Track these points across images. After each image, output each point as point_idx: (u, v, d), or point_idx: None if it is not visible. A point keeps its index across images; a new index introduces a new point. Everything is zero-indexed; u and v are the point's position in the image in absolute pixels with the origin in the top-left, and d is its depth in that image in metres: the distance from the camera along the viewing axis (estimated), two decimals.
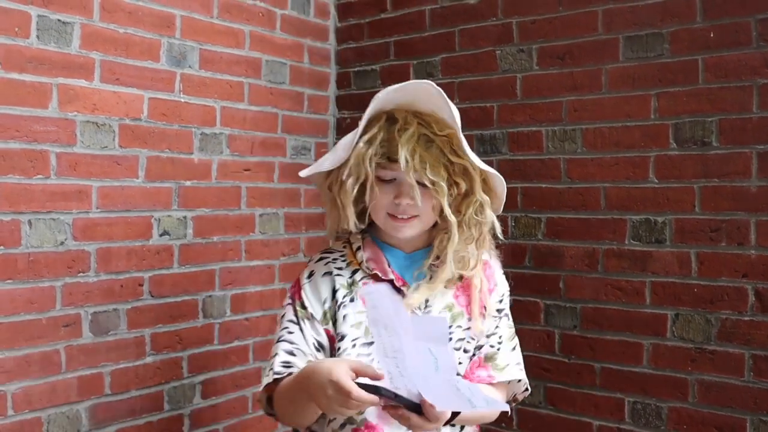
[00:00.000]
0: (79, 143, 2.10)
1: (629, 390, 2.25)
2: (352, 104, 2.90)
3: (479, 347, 1.68)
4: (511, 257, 2.48)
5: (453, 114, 1.55)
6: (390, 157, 1.53)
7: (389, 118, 1.57)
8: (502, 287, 1.76)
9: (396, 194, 1.56)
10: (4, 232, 1.94)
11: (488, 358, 1.68)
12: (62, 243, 2.07)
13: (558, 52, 2.38)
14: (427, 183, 1.53)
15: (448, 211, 1.55)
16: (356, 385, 1.29)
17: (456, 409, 1.42)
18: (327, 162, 1.61)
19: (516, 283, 2.46)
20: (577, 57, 2.34)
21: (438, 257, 1.63)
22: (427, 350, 1.42)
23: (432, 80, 2.56)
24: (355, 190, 1.58)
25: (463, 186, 1.58)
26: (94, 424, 2.15)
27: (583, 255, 2.33)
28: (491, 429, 2.52)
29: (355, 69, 2.91)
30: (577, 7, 2.34)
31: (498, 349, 1.69)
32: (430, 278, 1.63)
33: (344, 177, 1.57)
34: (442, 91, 1.51)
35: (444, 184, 1.54)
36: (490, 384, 1.65)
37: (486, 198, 1.60)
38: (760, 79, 2.03)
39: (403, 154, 1.50)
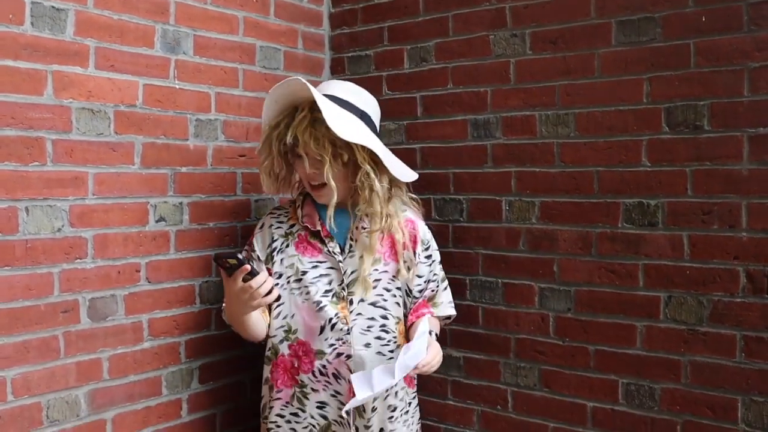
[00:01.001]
0: (75, 130, 2.11)
1: (623, 372, 2.28)
2: None
3: (421, 291, 2.23)
4: (505, 241, 2.50)
5: (318, 99, 1.97)
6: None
7: (295, 109, 2.10)
8: (424, 234, 2.25)
9: (303, 167, 2.09)
10: (1, 219, 1.95)
11: (429, 299, 2.27)
12: (59, 229, 2.08)
13: (551, 37, 2.39)
14: (315, 156, 2.04)
15: (328, 176, 2.03)
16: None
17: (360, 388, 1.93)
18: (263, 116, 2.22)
19: (510, 267, 2.49)
20: (570, 41, 2.35)
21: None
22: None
23: (425, 65, 2.65)
24: (264, 164, 2.16)
25: (346, 156, 2.05)
26: (92, 409, 2.17)
27: (577, 238, 2.35)
28: (487, 411, 2.55)
29: (349, 54, 2.91)
30: None
31: (435, 292, 2.27)
32: (367, 234, 2.14)
33: (257, 152, 2.22)
34: (306, 82, 1.99)
35: (327, 156, 2.02)
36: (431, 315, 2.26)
37: (369, 168, 2.06)
38: (752, 62, 2.05)
39: (292, 133, 2.04)
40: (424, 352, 1.99)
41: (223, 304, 2.20)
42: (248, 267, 1.92)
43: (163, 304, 2.35)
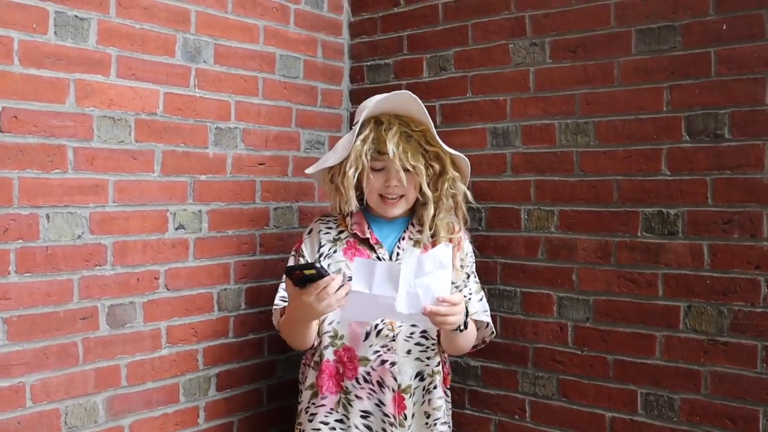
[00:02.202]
0: (96, 138, 2.13)
1: (642, 382, 2.26)
2: (365, 98, 2.90)
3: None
4: (524, 250, 2.49)
5: (425, 113, 2.08)
6: (380, 151, 2.09)
7: (376, 122, 2.12)
8: (466, 246, 2.26)
9: (386, 179, 2.13)
10: (22, 225, 1.97)
11: None
12: (79, 236, 2.09)
13: (571, 46, 2.39)
14: (409, 168, 2.08)
15: (426, 187, 2.11)
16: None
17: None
18: (331, 159, 2.16)
19: (529, 276, 2.48)
20: (590, 50, 2.35)
21: (421, 225, 2.18)
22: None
23: (445, 74, 2.64)
24: (355, 179, 2.11)
25: (437, 167, 2.14)
26: (111, 415, 2.18)
27: (596, 247, 2.34)
28: (504, 421, 2.54)
29: (369, 63, 2.92)
30: (589, 1, 2.34)
31: (469, 299, 2.18)
32: (414, 243, 2.19)
33: (347, 169, 2.10)
34: (416, 97, 2.06)
35: (422, 167, 2.09)
36: None
37: (456, 174, 2.16)
38: None
39: (390, 147, 2.05)
40: (444, 288, 1.91)
41: (275, 309, 2.20)
42: (333, 277, 1.83)
43: (181, 311, 2.36)
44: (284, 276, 2.12)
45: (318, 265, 1.80)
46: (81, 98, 2.09)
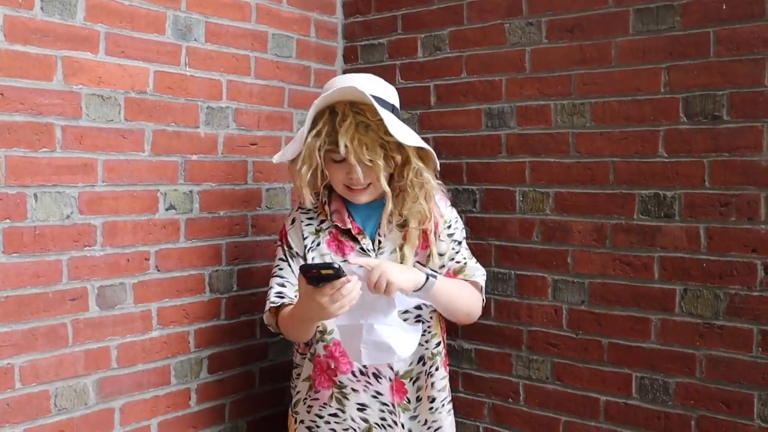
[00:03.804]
0: (85, 116, 2.09)
1: (637, 365, 2.25)
2: None
3: (442, 266, 2.09)
4: (519, 232, 2.47)
5: (378, 106, 1.89)
6: (337, 144, 1.93)
7: (332, 112, 1.96)
8: (448, 215, 2.14)
9: (347, 171, 1.99)
10: (9, 205, 1.94)
11: (457, 272, 2.12)
12: (68, 216, 2.06)
13: (567, 25, 2.35)
14: (366, 162, 1.94)
15: (383, 182, 1.96)
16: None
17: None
18: (288, 152, 2.06)
19: (523, 258, 2.46)
20: (587, 30, 2.32)
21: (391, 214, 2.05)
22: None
23: (439, 54, 2.60)
24: (309, 175, 2.00)
25: (399, 158, 1.99)
26: (101, 397, 2.16)
27: (592, 230, 2.32)
28: (498, 404, 2.52)
29: (363, 43, 2.88)
30: None
31: (465, 263, 2.13)
32: (389, 229, 2.07)
33: (298, 167, 2.01)
34: (363, 91, 1.88)
35: (380, 162, 1.94)
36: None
37: (420, 165, 2.00)
38: None
39: (342, 143, 1.91)
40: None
41: (270, 306, 2.08)
42: (350, 279, 1.73)
43: (172, 292, 2.34)
44: (275, 269, 2.14)
45: (336, 265, 1.70)
46: (69, 76, 2.05)
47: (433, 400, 2.12)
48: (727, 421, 2.09)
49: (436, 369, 2.12)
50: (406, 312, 2.06)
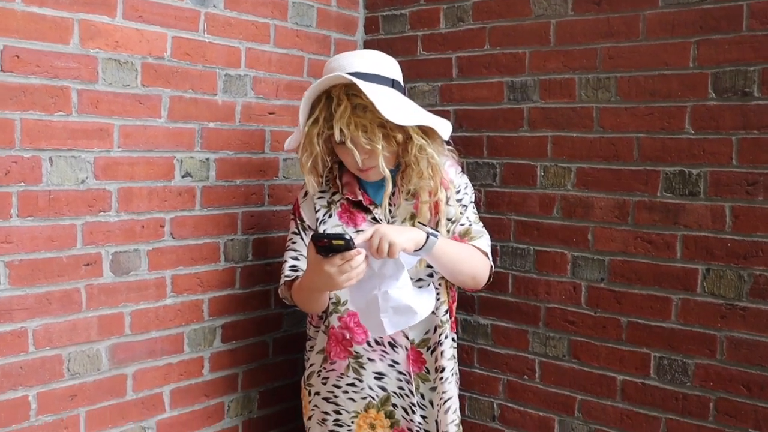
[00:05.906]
0: (101, 81, 2.07)
1: (656, 345, 2.21)
2: (380, 49, 2.80)
3: (449, 231, 2.07)
4: (539, 207, 2.43)
5: (365, 90, 1.86)
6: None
7: (328, 97, 1.95)
8: (457, 181, 2.12)
9: (350, 154, 1.96)
10: (25, 168, 1.93)
11: (463, 234, 2.09)
12: (83, 181, 2.05)
13: None
14: (366, 146, 1.93)
15: (382, 164, 1.94)
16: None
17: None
18: (293, 141, 2.11)
19: (543, 234, 2.42)
20: (614, 2, 2.25)
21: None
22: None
23: (462, 25, 2.56)
24: (310, 163, 2.02)
25: (400, 137, 1.96)
26: (114, 363, 2.15)
27: (613, 206, 2.27)
28: (513, 381, 2.50)
29: (384, 13, 2.83)
30: None
31: (470, 225, 2.10)
32: (406, 196, 2.06)
33: (299, 155, 2.05)
34: (350, 77, 1.88)
35: (379, 144, 1.92)
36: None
37: (422, 141, 1.97)
38: None
39: (338, 128, 1.90)
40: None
41: (285, 280, 2.13)
42: (360, 251, 1.76)
43: (187, 260, 2.32)
44: (288, 243, 2.17)
45: (347, 236, 1.72)
46: (85, 39, 2.02)
47: (442, 370, 2.11)
48: (747, 404, 2.06)
49: (446, 337, 2.11)
50: (419, 280, 2.05)
